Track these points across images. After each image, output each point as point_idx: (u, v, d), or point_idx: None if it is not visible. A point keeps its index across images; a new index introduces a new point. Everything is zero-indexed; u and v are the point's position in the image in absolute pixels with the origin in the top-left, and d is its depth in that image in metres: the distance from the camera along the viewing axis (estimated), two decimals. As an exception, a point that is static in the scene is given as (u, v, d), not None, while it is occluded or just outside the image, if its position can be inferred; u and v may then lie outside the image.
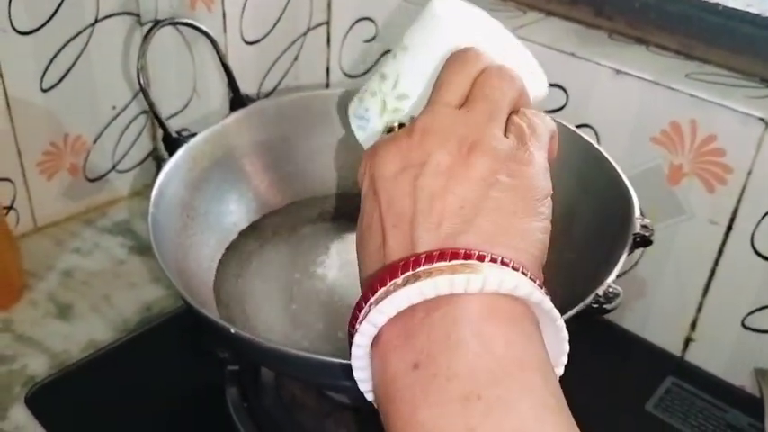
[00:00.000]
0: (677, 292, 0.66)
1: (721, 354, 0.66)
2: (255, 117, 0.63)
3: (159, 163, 0.92)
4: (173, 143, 0.57)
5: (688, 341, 0.68)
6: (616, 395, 0.62)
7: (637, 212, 0.49)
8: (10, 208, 0.79)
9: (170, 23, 0.60)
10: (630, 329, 0.70)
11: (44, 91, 0.77)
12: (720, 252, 0.63)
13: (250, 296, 0.58)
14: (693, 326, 0.67)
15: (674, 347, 0.68)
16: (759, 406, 0.61)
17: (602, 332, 0.69)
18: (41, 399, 0.59)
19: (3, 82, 0.73)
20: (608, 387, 0.63)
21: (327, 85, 0.88)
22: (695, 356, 0.67)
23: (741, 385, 0.65)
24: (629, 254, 0.47)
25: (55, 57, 0.76)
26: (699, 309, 0.66)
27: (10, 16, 0.71)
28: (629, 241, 0.47)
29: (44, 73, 0.76)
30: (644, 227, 0.48)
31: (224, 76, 0.76)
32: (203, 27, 0.62)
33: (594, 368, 0.64)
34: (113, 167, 0.87)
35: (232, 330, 0.42)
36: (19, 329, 0.69)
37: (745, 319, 0.63)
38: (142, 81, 0.56)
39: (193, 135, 0.58)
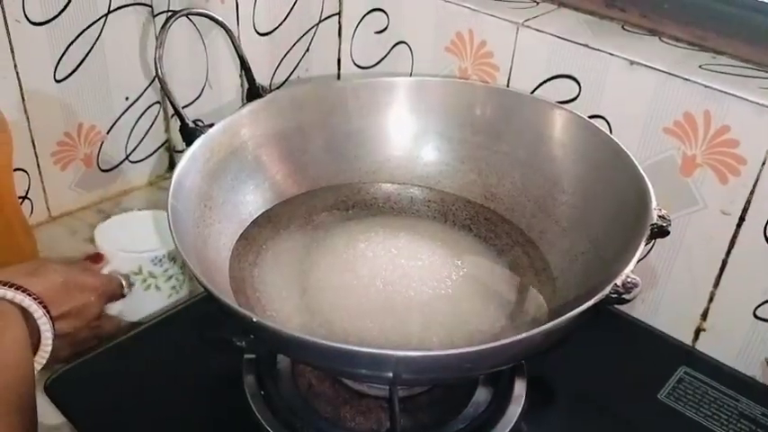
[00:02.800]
0: (689, 283, 0.67)
1: (733, 344, 0.66)
2: (271, 108, 0.63)
3: (172, 153, 0.92)
4: (190, 133, 0.57)
5: (699, 331, 0.68)
6: (629, 385, 0.63)
7: (654, 203, 0.50)
8: (24, 198, 0.80)
9: (187, 14, 0.60)
10: (641, 319, 0.70)
11: (58, 82, 0.78)
12: (733, 243, 0.63)
13: (266, 285, 0.58)
14: (705, 316, 0.67)
15: (685, 337, 0.68)
16: (771, 395, 0.62)
17: (612, 322, 0.69)
18: (60, 387, 0.60)
19: (17, 73, 0.74)
20: (620, 376, 0.64)
21: (339, 77, 0.88)
22: (706, 346, 0.68)
23: (753, 375, 0.65)
24: (646, 244, 0.47)
25: (68, 47, 0.77)
26: (710, 299, 0.66)
27: (24, 7, 0.72)
28: (647, 231, 0.48)
29: (58, 64, 0.77)
30: (661, 217, 0.48)
31: (236, 66, 0.77)
32: (220, 18, 0.62)
33: (606, 358, 0.65)
34: (126, 158, 0.88)
35: (254, 319, 0.42)
36: (35, 318, 0.70)
37: (757, 309, 0.64)
38: (160, 71, 0.56)
39: (210, 126, 0.59)
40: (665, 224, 0.48)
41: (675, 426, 0.59)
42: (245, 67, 0.63)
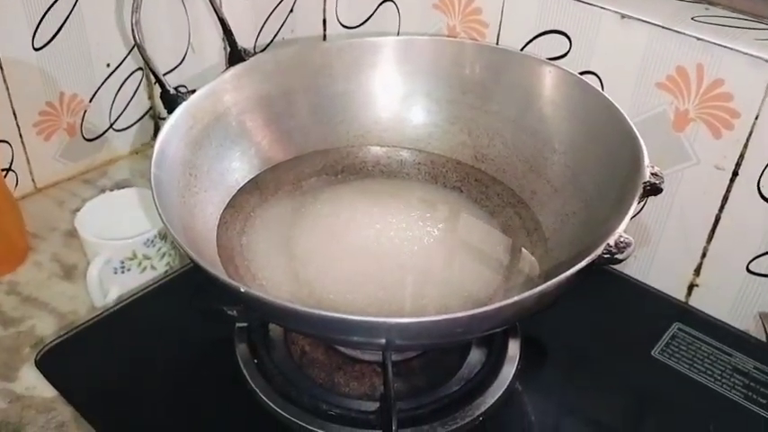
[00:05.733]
0: (681, 239, 0.66)
1: (726, 299, 0.66)
2: (254, 72, 0.62)
3: (157, 121, 0.91)
4: (171, 100, 0.56)
5: (692, 287, 0.68)
6: (622, 342, 0.63)
7: (646, 160, 0.49)
8: (8, 170, 0.78)
9: (164, -24, 0.58)
10: (634, 276, 0.70)
11: (36, 50, 0.75)
12: (726, 197, 0.63)
13: (255, 253, 0.57)
14: (698, 272, 0.67)
15: (678, 293, 0.68)
16: (764, 349, 0.62)
17: (605, 280, 0.69)
18: (51, 360, 0.59)
19: (-6, 42, 0.72)
20: (614, 334, 0.64)
21: (324, 37, 0.86)
22: (699, 302, 0.68)
23: (746, 329, 0.65)
24: (639, 202, 0.47)
25: (45, 14, 0.75)
26: (703, 255, 0.66)
27: (-3, -26, 0.69)
28: (640, 190, 0.47)
29: (35, 31, 0.75)
30: (654, 174, 0.47)
31: (220, 30, 0.75)
32: (198, -21, 0.60)
33: (599, 316, 0.65)
34: (111, 126, 0.86)
35: (242, 289, 0.42)
36: (25, 291, 0.69)
37: (750, 263, 0.63)
38: (137, 37, 0.54)
39: (192, 92, 0.57)
40: (657, 182, 0.47)
41: (669, 382, 0.59)
42: (225, 29, 0.61)
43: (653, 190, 0.47)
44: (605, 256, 0.43)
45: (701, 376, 0.59)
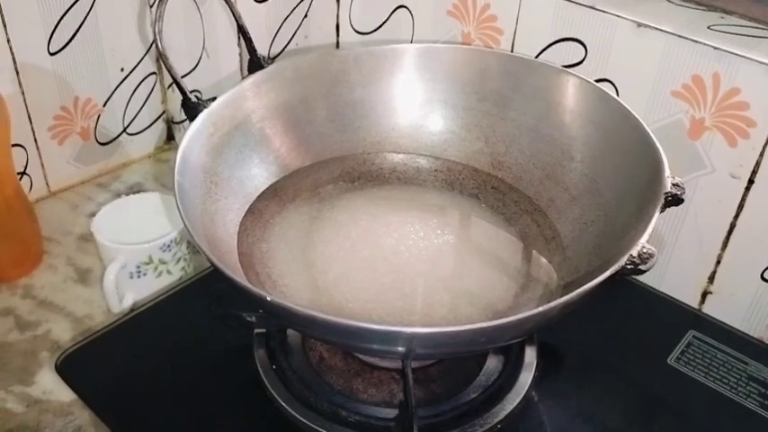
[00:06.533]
0: (696, 246, 0.67)
1: (740, 307, 0.66)
2: (274, 79, 0.62)
3: (170, 125, 0.91)
4: (192, 108, 0.56)
5: (705, 294, 0.68)
6: (638, 350, 0.63)
7: (667, 171, 0.49)
8: (23, 173, 0.79)
9: (185, -16, 0.59)
10: (648, 284, 0.70)
11: (52, 54, 0.76)
12: (741, 206, 0.63)
13: (275, 260, 0.57)
14: (712, 279, 0.67)
15: (692, 300, 0.69)
16: (780, 358, 0.62)
17: (619, 288, 0.68)
18: (71, 365, 0.59)
19: (10, 47, 0.72)
20: (629, 341, 0.64)
21: (338, 43, 0.87)
22: (713, 309, 0.68)
23: (760, 337, 0.66)
24: (660, 212, 0.47)
25: (61, 19, 0.75)
26: (718, 262, 0.66)
27: (15, -21, 0.70)
28: (661, 200, 0.47)
29: (51, 36, 0.75)
30: (675, 185, 0.48)
31: (234, 34, 0.75)
32: (219, -12, 0.60)
33: (615, 323, 0.65)
34: (124, 130, 0.86)
35: (268, 298, 0.42)
36: (40, 295, 0.70)
37: (764, 272, 0.64)
38: (160, 45, 0.54)
39: (212, 99, 0.57)
40: (679, 192, 0.48)
41: (686, 390, 0.59)
42: (246, 37, 0.61)
43: (674, 200, 0.48)
44: (629, 266, 0.43)
45: (716, 384, 0.60)
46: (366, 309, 0.54)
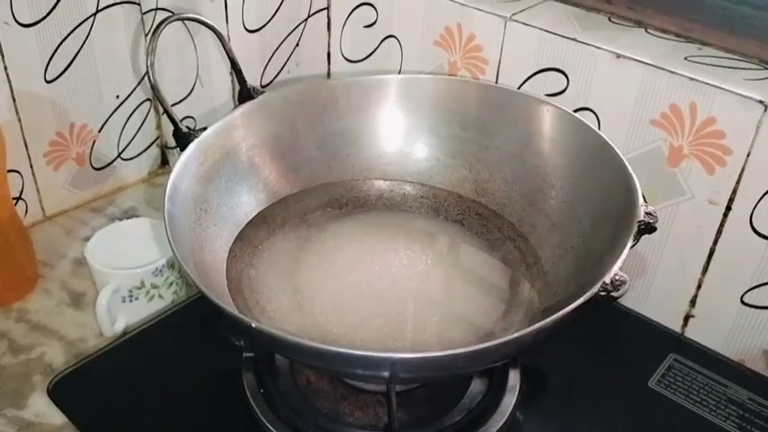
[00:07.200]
0: (677, 271, 0.68)
1: (721, 330, 0.67)
2: (263, 109, 0.64)
3: (164, 150, 0.92)
4: (183, 138, 0.58)
5: (687, 318, 0.69)
6: (620, 372, 0.64)
7: (640, 200, 0.51)
8: (18, 198, 0.80)
9: (177, 19, 0.60)
10: (630, 307, 0.71)
11: (48, 82, 0.78)
12: (720, 231, 0.64)
13: (263, 286, 0.59)
14: (693, 303, 0.69)
15: (674, 324, 0.70)
16: (759, 382, 0.63)
17: (602, 311, 0.69)
18: (63, 389, 0.61)
19: (7, 74, 0.74)
20: (612, 364, 0.65)
21: (329, 72, 0.88)
22: (694, 333, 0.69)
23: (740, 360, 0.67)
24: (633, 240, 0.48)
25: (58, 48, 0.77)
26: (699, 286, 0.68)
27: (12, 9, 0.71)
28: (634, 228, 0.49)
29: (48, 64, 0.77)
30: (648, 214, 0.49)
31: (227, 64, 0.77)
32: (210, 22, 0.62)
33: (597, 346, 0.66)
34: (119, 155, 0.88)
35: (253, 325, 0.43)
36: (34, 319, 0.71)
37: (744, 295, 0.65)
38: (152, 78, 0.56)
39: (203, 129, 0.59)
40: (651, 221, 0.49)
41: (666, 412, 0.60)
42: (236, 69, 0.63)
43: (647, 229, 0.49)
44: (601, 293, 0.45)
45: (696, 407, 0.61)
46: (352, 334, 0.55)
